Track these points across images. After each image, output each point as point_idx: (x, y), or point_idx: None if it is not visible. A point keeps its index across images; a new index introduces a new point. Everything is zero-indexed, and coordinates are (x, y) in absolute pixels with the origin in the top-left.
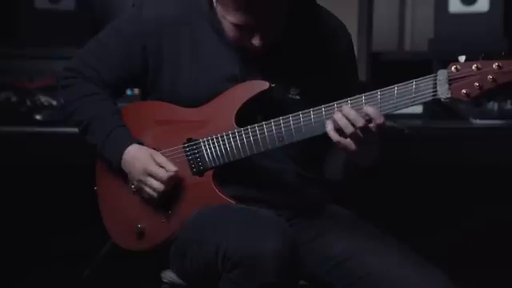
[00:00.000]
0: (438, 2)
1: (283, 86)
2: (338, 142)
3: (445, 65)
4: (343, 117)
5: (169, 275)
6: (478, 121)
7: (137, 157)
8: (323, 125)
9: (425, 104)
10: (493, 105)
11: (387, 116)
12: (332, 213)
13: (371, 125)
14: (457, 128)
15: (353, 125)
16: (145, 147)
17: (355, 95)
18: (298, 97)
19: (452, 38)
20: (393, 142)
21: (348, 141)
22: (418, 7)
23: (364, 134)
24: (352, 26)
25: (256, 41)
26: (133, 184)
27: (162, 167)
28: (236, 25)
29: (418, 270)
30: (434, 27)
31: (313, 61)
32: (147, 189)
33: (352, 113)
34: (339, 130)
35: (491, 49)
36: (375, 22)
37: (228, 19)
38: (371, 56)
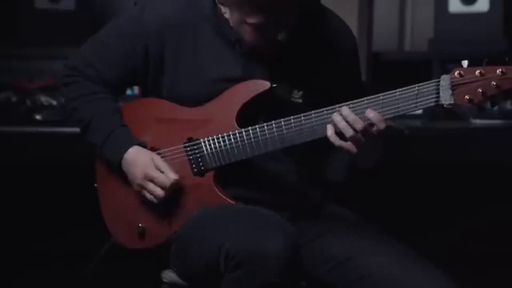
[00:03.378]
0: (438, 2)
1: (285, 89)
2: (340, 147)
3: (445, 65)
4: (342, 119)
5: (169, 275)
6: (478, 121)
7: (137, 160)
8: (324, 128)
9: None
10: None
11: None
12: (333, 213)
13: (373, 129)
14: (457, 128)
15: (353, 128)
16: (145, 150)
17: (358, 97)
18: (300, 100)
19: (452, 38)
20: (393, 142)
21: (349, 144)
22: (418, 7)
23: (365, 137)
24: (352, 26)
25: (282, 36)
26: (134, 187)
27: (162, 172)
28: (258, 26)
29: (418, 270)
30: (434, 27)
31: (316, 63)
32: (147, 195)
33: (351, 116)
34: (339, 134)
35: (491, 49)
36: (375, 22)
37: (249, 21)
38: (371, 56)
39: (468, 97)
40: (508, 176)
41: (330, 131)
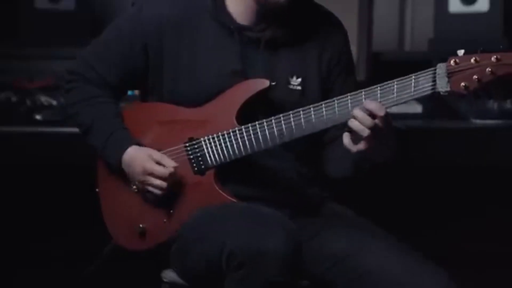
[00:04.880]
0: (438, 2)
1: (284, 75)
2: (357, 151)
3: None
4: (355, 120)
5: (169, 275)
6: (478, 121)
7: (136, 157)
8: (323, 122)
9: (425, 104)
10: (493, 105)
11: None
12: (332, 211)
13: (376, 121)
14: (457, 128)
15: (363, 124)
16: (143, 147)
17: (352, 90)
18: (299, 87)
19: (452, 38)
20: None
21: (362, 144)
22: (418, 7)
23: (372, 131)
24: (352, 26)
25: None
26: (134, 185)
27: (160, 164)
28: None
29: (418, 269)
30: (434, 27)
31: (313, 52)
32: (150, 188)
33: (360, 114)
34: (353, 136)
35: (491, 49)
36: (375, 22)
37: None
38: (371, 56)
39: (464, 84)
40: (508, 176)
41: (347, 139)
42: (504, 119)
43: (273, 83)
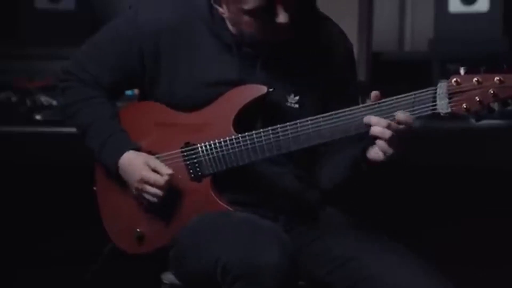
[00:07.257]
0: (438, 2)
1: (282, 93)
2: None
3: (445, 65)
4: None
5: (169, 277)
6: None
7: (133, 164)
8: (320, 135)
9: None
10: (493, 105)
11: None
12: (332, 215)
13: (401, 127)
14: (457, 128)
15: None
16: (141, 154)
17: (352, 105)
18: (297, 105)
19: (452, 38)
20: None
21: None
22: (418, 7)
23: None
24: (352, 26)
25: (282, 17)
26: (132, 192)
27: (157, 172)
28: (256, 12)
29: (418, 273)
30: (434, 27)
31: (312, 69)
32: (146, 196)
33: (383, 121)
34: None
35: (491, 49)
36: (375, 22)
37: (246, 8)
38: (371, 56)
39: (465, 106)
40: (508, 177)
41: (373, 152)
42: (505, 120)
43: (271, 89)
